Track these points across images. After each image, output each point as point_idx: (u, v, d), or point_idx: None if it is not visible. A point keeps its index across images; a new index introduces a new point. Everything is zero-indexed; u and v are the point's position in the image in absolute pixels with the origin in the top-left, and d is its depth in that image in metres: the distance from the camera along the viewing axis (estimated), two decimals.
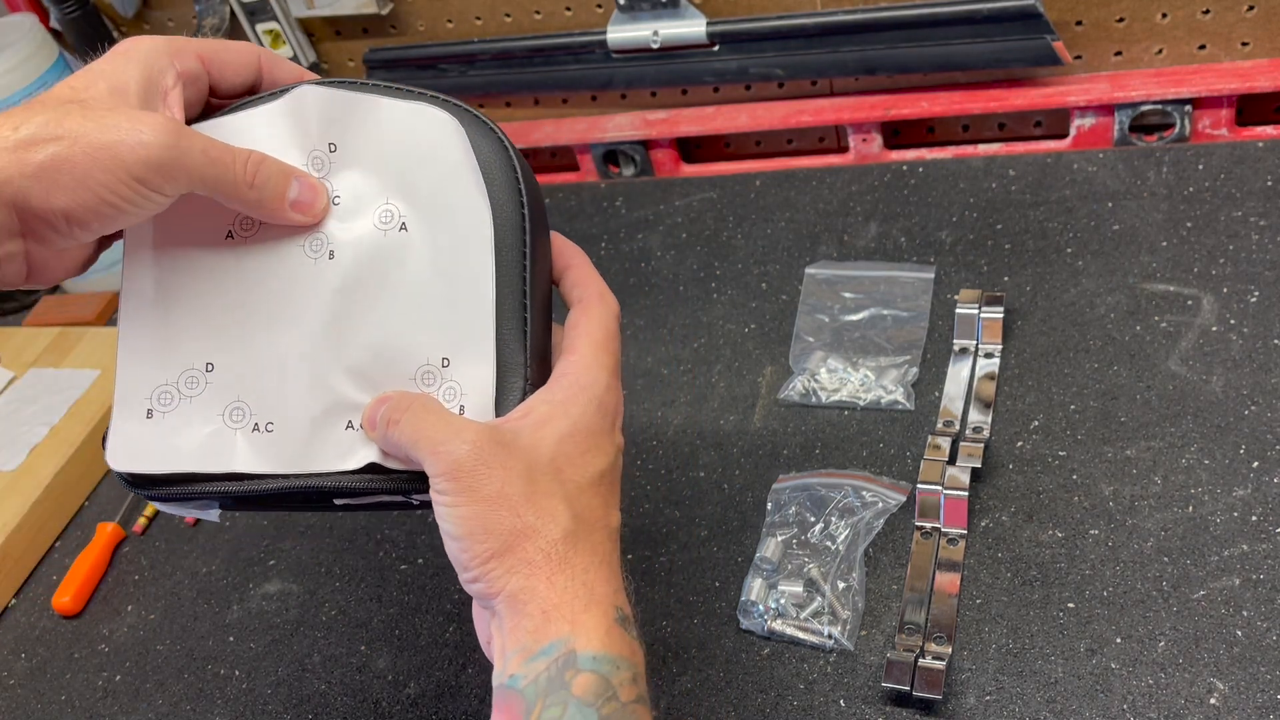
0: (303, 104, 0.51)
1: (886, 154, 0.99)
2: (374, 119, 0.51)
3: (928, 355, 0.79)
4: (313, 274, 0.50)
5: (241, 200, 0.48)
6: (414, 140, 0.51)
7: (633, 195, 1.02)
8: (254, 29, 1.06)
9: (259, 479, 0.49)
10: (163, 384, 0.50)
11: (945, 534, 0.66)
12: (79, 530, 0.86)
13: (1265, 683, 0.56)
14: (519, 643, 0.43)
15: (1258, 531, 0.63)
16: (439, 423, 0.46)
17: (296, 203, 0.49)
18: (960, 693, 0.59)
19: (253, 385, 0.50)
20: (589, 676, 0.42)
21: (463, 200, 0.50)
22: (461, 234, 0.50)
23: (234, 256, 0.50)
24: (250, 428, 0.50)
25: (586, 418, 0.47)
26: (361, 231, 0.50)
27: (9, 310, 1.13)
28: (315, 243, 0.50)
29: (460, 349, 0.49)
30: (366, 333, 0.50)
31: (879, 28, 0.93)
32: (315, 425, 0.49)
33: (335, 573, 0.76)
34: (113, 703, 0.72)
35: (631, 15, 0.99)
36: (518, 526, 0.44)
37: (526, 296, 0.50)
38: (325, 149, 0.51)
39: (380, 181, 0.51)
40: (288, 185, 0.49)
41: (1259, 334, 0.73)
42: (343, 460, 0.49)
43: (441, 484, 0.45)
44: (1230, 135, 0.91)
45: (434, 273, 0.50)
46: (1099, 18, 0.91)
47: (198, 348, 0.50)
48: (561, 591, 0.44)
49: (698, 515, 0.73)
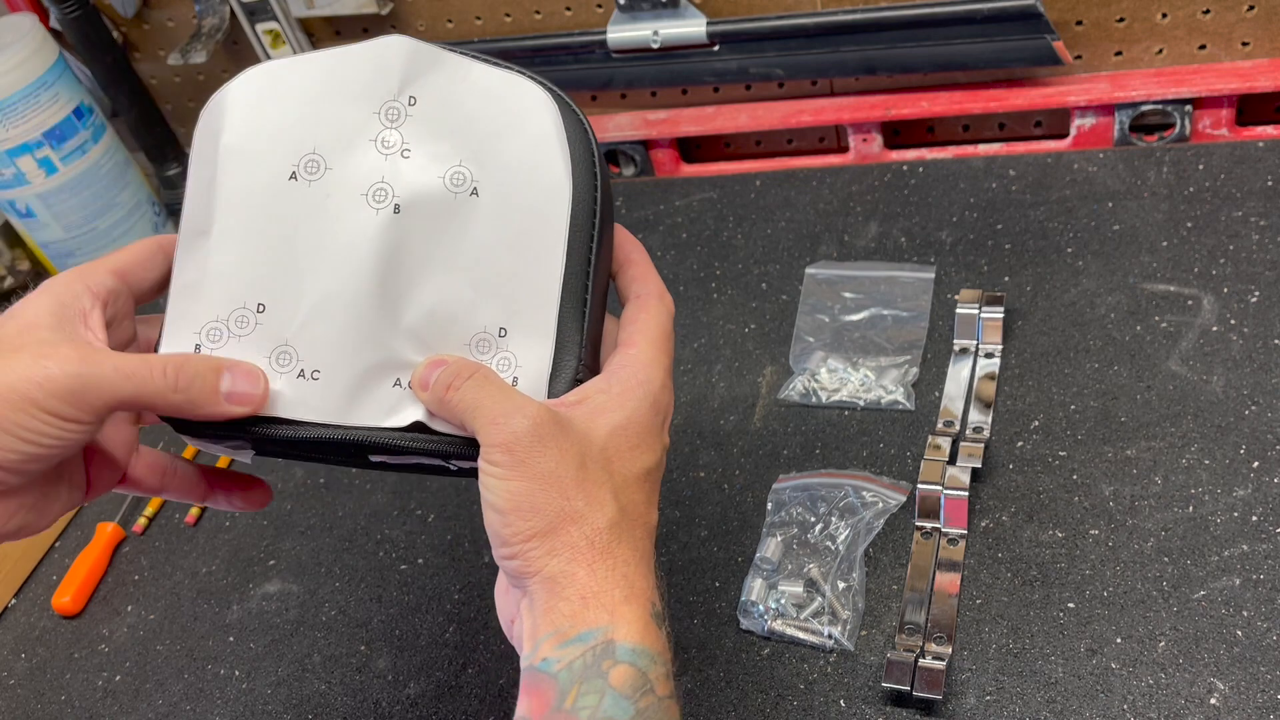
0: (387, 51, 0.50)
1: (887, 154, 0.99)
2: (463, 79, 0.50)
3: (928, 355, 0.79)
4: (374, 224, 0.49)
5: (169, 406, 0.46)
6: (502, 108, 0.50)
7: (633, 195, 1.02)
8: (254, 29, 1.06)
9: (298, 425, 0.49)
10: (213, 320, 0.49)
11: (945, 534, 0.66)
12: (79, 530, 0.86)
13: (1265, 683, 0.56)
14: (554, 625, 0.43)
15: (1258, 531, 0.63)
16: (500, 394, 0.46)
17: (231, 395, 0.47)
18: (960, 693, 0.59)
19: (303, 331, 0.49)
20: (626, 668, 0.42)
21: (545, 175, 0.49)
22: (537, 208, 0.49)
23: (294, 198, 0.49)
24: (296, 373, 0.49)
25: (641, 413, 0.47)
26: (430, 189, 0.49)
27: None
28: (379, 193, 0.49)
29: (519, 321, 0.49)
30: (425, 292, 0.49)
31: (879, 28, 0.93)
32: (362, 378, 0.48)
33: (335, 573, 0.76)
34: (113, 703, 0.72)
35: (631, 15, 0.99)
36: (565, 509, 0.44)
37: (590, 279, 0.50)
38: (404, 101, 0.50)
39: (458, 143, 0.50)
40: (218, 380, 0.47)
41: (1259, 334, 0.73)
42: (386, 416, 0.48)
43: (496, 455, 0.44)
44: (1230, 135, 0.91)
45: (501, 242, 0.49)
46: (1099, 18, 0.91)
47: (251, 287, 0.49)
48: (602, 580, 0.44)
49: (698, 515, 0.73)
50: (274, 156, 0.49)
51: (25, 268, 1.13)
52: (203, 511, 0.84)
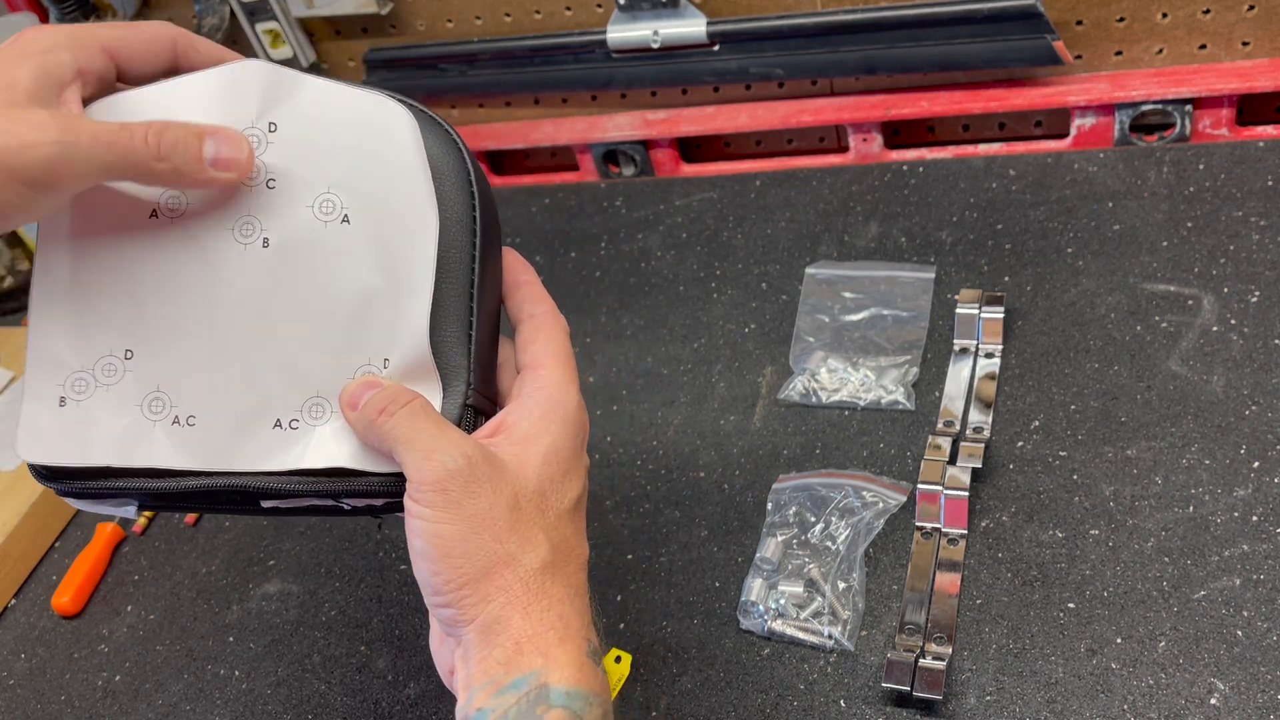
0: (241, 77, 0.47)
1: (887, 154, 0.99)
2: (321, 103, 0.48)
3: (928, 355, 0.79)
4: (243, 260, 0.47)
5: (154, 175, 0.44)
6: (363, 130, 0.48)
7: (633, 195, 1.02)
8: (254, 29, 1.06)
9: (178, 475, 0.47)
10: (78, 370, 0.47)
11: (945, 534, 0.66)
12: (79, 530, 0.86)
13: (1265, 683, 0.56)
14: (488, 675, 0.42)
15: (1258, 531, 0.63)
16: (434, 429, 0.44)
17: (217, 160, 0.45)
18: (960, 693, 0.59)
19: (175, 375, 0.47)
20: (561, 712, 0.41)
21: (409, 197, 0.47)
22: (406, 231, 0.47)
23: (158, 238, 0.47)
24: (170, 420, 0.47)
25: (564, 438, 0.46)
26: (298, 219, 0.47)
27: (9, 310, 1.12)
28: (246, 227, 0.47)
29: (401, 351, 0.47)
30: (301, 326, 0.47)
31: (879, 27, 0.93)
32: (240, 421, 0.47)
33: (335, 573, 0.76)
34: (113, 703, 0.72)
35: (631, 15, 0.98)
36: (498, 553, 0.43)
37: (474, 301, 0.48)
38: (264, 128, 0.47)
39: (324, 169, 0.47)
40: (201, 146, 0.45)
41: (1259, 334, 0.73)
42: (267, 459, 0.46)
43: (427, 495, 0.43)
44: (1231, 135, 0.91)
45: (375, 269, 0.47)
46: (1099, 17, 0.91)
47: (116, 334, 0.47)
48: (536, 623, 0.43)
49: (698, 515, 0.73)
50: (130, 195, 0.47)
51: (25, 268, 1.13)
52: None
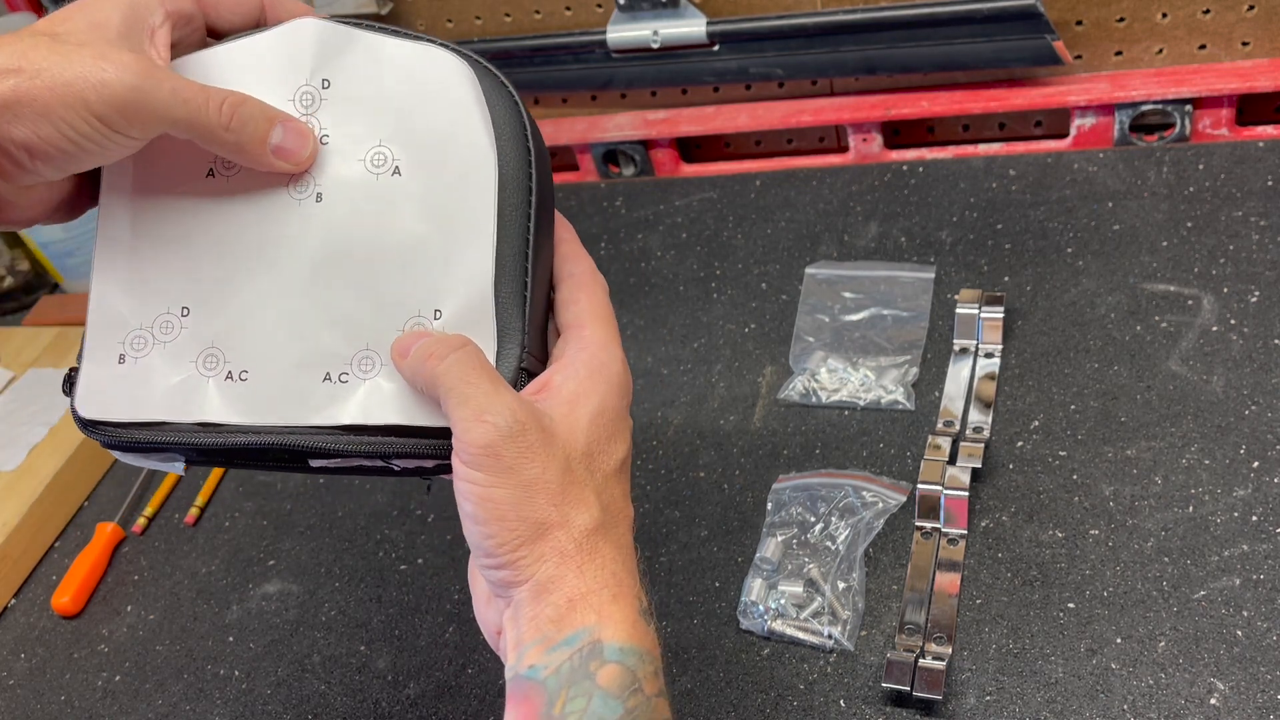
0: (298, 35, 0.48)
1: (886, 154, 0.99)
2: (376, 57, 0.48)
3: (928, 355, 0.79)
4: (298, 216, 0.47)
5: (218, 143, 0.46)
6: (417, 82, 0.48)
7: (633, 195, 1.02)
8: None
9: (229, 430, 0.47)
10: (136, 328, 0.48)
11: (945, 534, 0.66)
12: (78, 530, 0.86)
13: (1265, 683, 0.56)
14: (539, 632, 0.42)
15: (1258, 531, 0.63)
16: (487, 383, 0.43)
17: (279, 149, 0.47)
18: (960, 693, 0.59)
19: (229, 331, 0.47)
20: (615, 668, 0.41)
21: (466, 146, 0.47)
22: (462, 181, 0.47)
23: (214, 196, 0.48)
24: (224, 375, 0.47)
25: (611, 398, 0.46)
26: (351, 174, 0.48)
27: (9, 310, 1.12)
28: (301, 183, 0.48)
29: (456, 304, 0.47)
30: (353, 280, 0.47)
31: (879, 27, 0.93)
32: (292, 375, 0.47)
33: (335, 573, 0.76)
34: (112, 703, 0.72)
35: (631, 15, 0.98)
36: (552, 516, 0.42)
37: (529, 261, 0.47)
38: (318, 85, 0.48)
39: (376, 122, 0.48)
40: (270, 129, 0.46)
41: (1259, 334, 0.73)
42: (318, 414, 0.46)
43: (478, 459, 0.42)
44: (1230, 135, 0.91)
45: (428, 221, 0.47)
46: (1099, 17, 0.91)
47: (173, 291, 0.48)
48: (591, 580, 0.42)
49: (698, 515, 0.73)
50: (189, 155, 0.48)
51: (25, 268, 1.13)
52: (202, 511, 0.84)
